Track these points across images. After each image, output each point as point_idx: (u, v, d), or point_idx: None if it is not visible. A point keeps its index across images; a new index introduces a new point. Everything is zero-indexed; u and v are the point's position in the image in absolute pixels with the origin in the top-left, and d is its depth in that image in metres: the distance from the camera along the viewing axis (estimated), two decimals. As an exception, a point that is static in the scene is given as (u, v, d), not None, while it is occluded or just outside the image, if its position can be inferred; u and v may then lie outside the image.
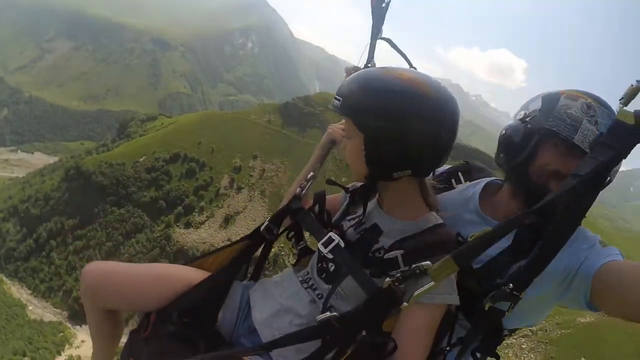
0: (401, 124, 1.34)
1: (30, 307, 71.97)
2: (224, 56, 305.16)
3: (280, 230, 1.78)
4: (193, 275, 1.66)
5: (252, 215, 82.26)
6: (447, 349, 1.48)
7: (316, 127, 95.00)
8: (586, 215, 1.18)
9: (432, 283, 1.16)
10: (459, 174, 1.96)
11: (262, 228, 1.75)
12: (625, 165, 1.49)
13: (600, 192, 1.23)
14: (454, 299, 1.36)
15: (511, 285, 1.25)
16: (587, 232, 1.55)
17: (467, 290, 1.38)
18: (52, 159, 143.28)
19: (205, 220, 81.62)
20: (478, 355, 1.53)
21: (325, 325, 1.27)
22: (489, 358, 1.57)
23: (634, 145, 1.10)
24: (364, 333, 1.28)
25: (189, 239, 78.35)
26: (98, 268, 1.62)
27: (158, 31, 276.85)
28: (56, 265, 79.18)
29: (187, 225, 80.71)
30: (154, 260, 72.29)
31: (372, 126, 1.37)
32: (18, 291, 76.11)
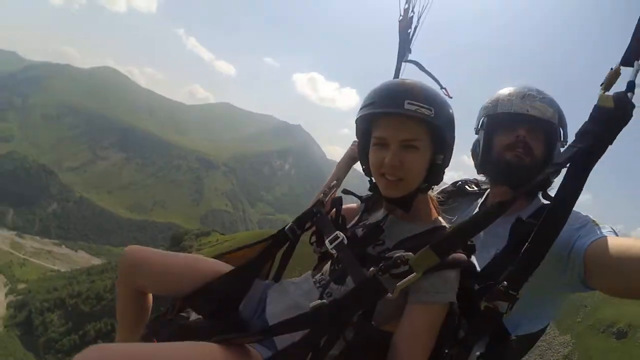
0: (453, 134, 1.50)
1: (68, 404, 67.72)
2: (263, 176, 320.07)
3: (302, 231, 1.82)
4: (222, 268, 1.71)
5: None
6: (446, 351, 1.43)
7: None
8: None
9: (415, 274, 1.19)
10: (472, 184, 2.18)
11: (286, 228, 1.80)
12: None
13: None
14: (454, 298, 1.36)
15: (505, 283, 1.23)
16: (579, 213, 1.57)
17: (466, 290, 1.37)
18: (94, 260, 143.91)
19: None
20: None
21: (317, 311, 1.28)
22: None
23: (617, 130, 1.08)
24: (354, 320, 1.29)
25: None
26: (137, 250, 1.70)
27: (202, 151, 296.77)
28: (99, 365, 75.88)
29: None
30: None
31: (447, 137, 1.48)
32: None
